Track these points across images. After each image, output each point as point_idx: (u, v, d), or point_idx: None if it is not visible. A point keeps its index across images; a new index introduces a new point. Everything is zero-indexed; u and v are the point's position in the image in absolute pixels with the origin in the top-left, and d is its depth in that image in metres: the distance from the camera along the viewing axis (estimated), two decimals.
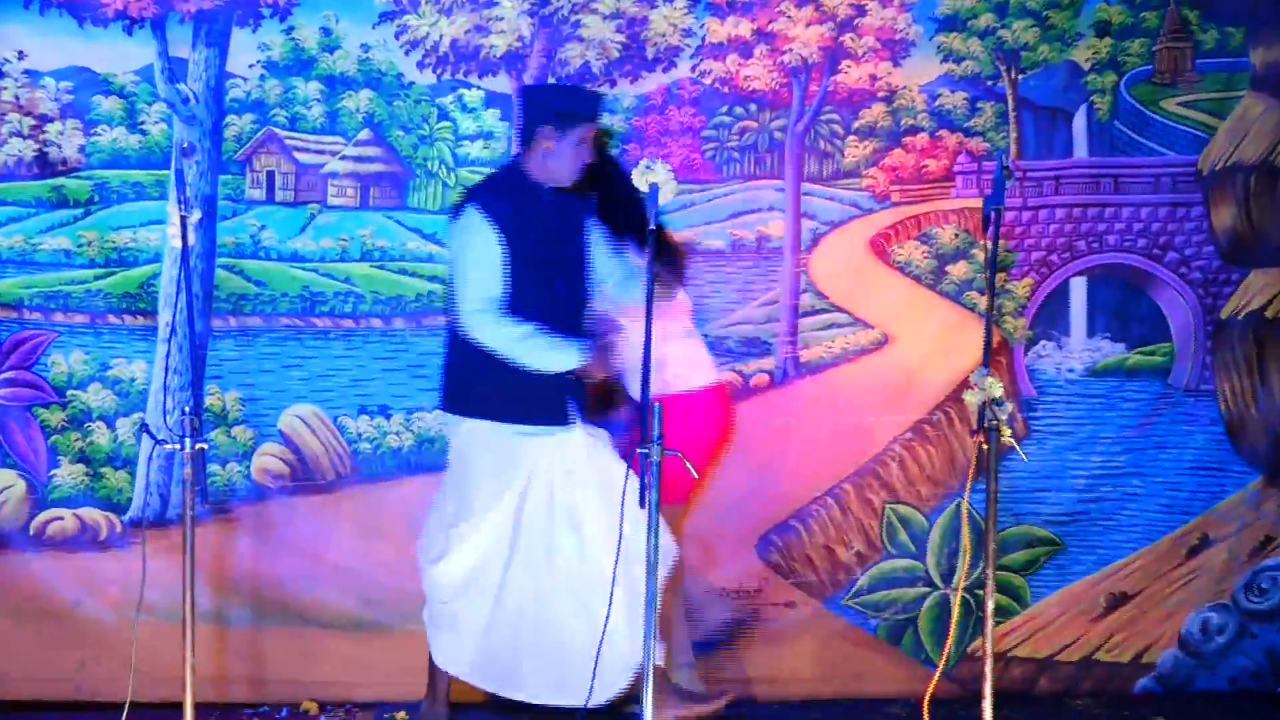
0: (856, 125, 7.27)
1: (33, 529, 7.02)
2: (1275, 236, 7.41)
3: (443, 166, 7.14)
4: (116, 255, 7.00)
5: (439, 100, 7.13)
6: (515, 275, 6.03)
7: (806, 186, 7.26)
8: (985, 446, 5.25)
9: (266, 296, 7.11)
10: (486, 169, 6.98)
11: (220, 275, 7.06)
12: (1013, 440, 5.35)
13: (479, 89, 7.13)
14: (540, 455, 6.11)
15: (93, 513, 7.05)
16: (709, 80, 7.22)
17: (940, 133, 7.30)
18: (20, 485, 7.01)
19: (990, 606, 5.37)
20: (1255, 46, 7.36)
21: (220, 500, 7.06)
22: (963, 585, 6.75)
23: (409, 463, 7.18)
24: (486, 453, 6.12)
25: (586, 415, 6.21)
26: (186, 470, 5.33)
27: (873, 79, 7.25)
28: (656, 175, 5.23)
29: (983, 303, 7.03)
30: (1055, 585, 7.42)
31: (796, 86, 7.23)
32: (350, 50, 7.07)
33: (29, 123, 6.93)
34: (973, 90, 7.30)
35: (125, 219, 7.01)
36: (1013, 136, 7.32)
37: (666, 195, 5.09)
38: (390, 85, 7.11)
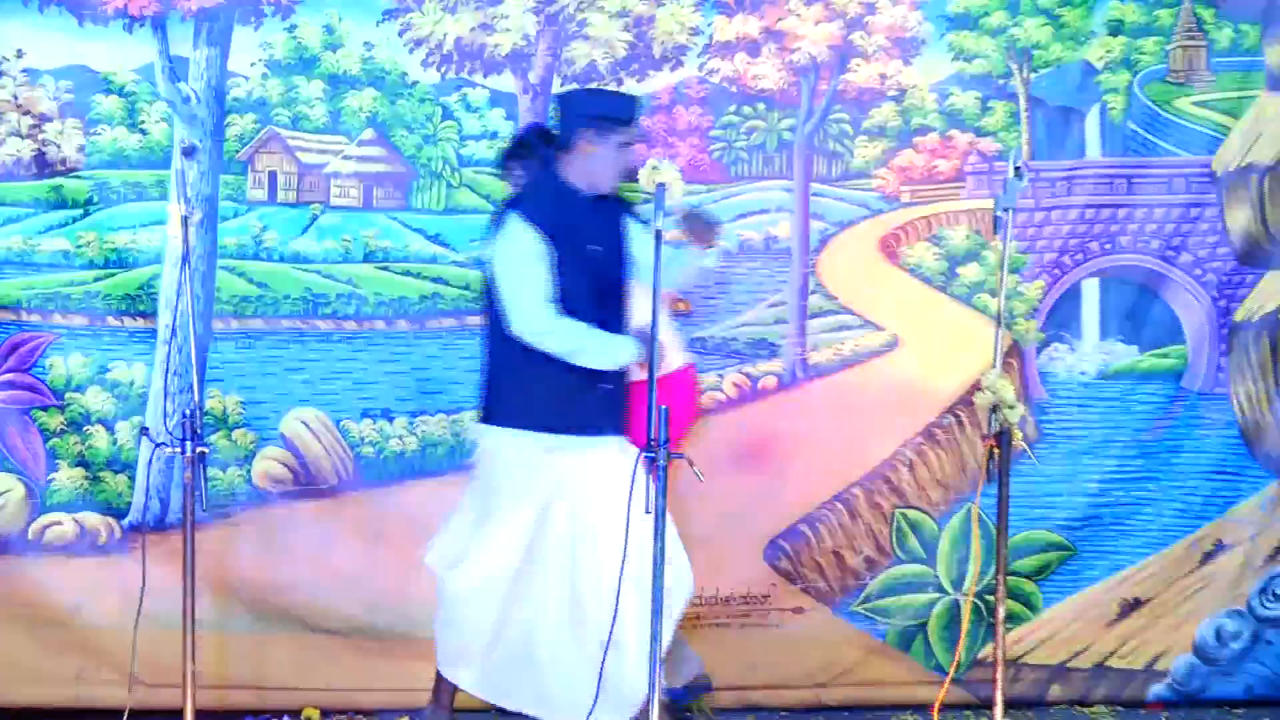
0: (866, 125, 7.25)
1: (31, 534, 7.01)
2: None
3: (447, 167, 7.12)
4: (116, 256, 6.99)
5: (443, 99, 7.11)
6: (561, 279, 5.96)
7: (815, 187, 7.25)
8: (996, 450, 5.29)
9: (268, 298, 7.09)
10: (490, 169, 6.99)
11: (221, 277, 7.05)
12: (1024, 444, 5.33)
13: (484, 88, 7.12)
14: (572, 468, 6.04)
15: (92, 517, 7.03)
16: (717, 79, 7.20)
17: (951, 132, 7.27)
18: (18, 489, 6.99)
19: (1001, 612, 5.44)
20: (1271, 45, 7.33)
21: (221, 505, 7.03)
22: (974, 591, 6.77)
23: (412, 467, 7.15)
24: (517, 463, 6.06)
25: (624, 428, 6.13)
26: (187, 474, 5.39)
27: (883, 78, 7.23)
28: (664, 175, 5.18)
29: (994, 305, 6.93)
30: (1067, 591, 7.39)
31: (805, 86, 7.22)
32: (353, 49, 7.06)
33: (28, 122, 6.92)
34: (984, 89, 7.27)
35: (125, 220, 7.00)
36: (1025, 136, 7.29)
37: (674, 196, 5.04)
38: (394, 84, 7.09)
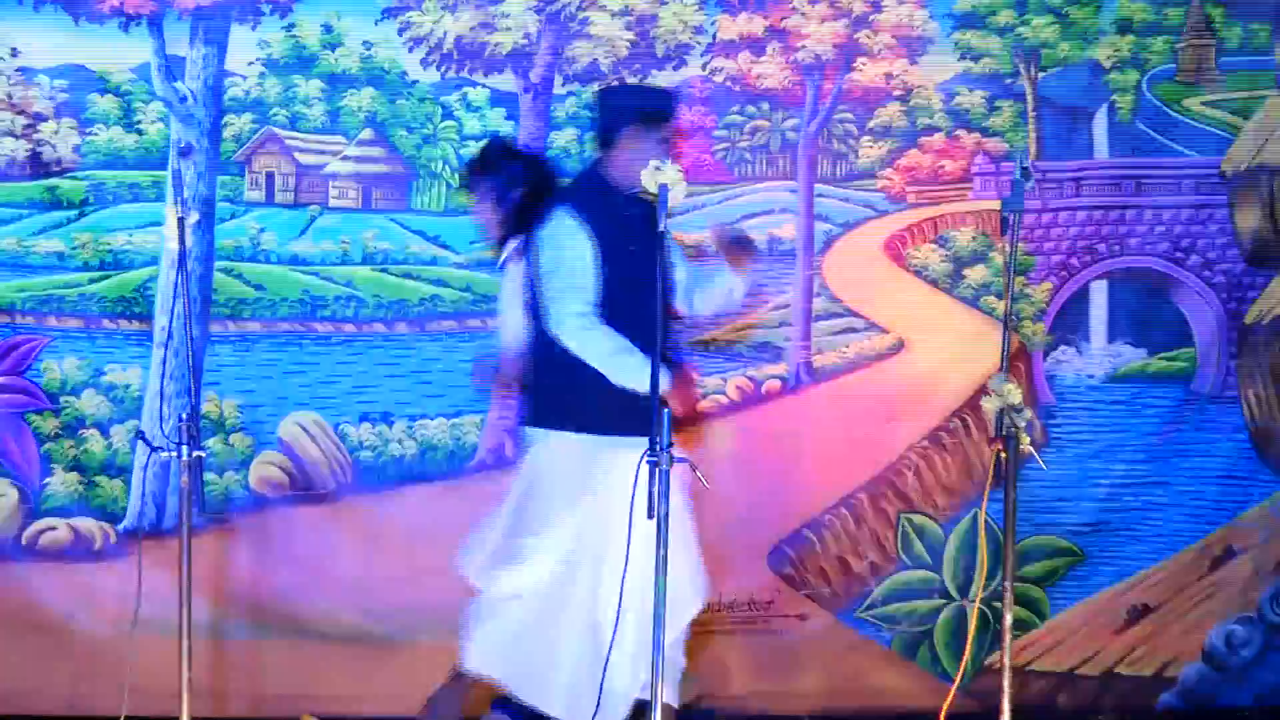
0: (871, 125, 7.23)
1: (25, 539, 6.99)
2: None
3: (446, 167, 7.10)
4: (112, 258, 6.97)
5: (443, 99, 7.09)
6: (605, 280, 5.88)
7: (820, 188, 7.23)
8: (1003, 455, 5.28)
9: (266, 301, 7.07)
10: None
11: (218, 279, 7.03)
12: (1032, 448, 5.31)
13: (484, 87, 7.10)
14: (625, 469, 5.94)
15: (87, 523, 7.02)
16: (720, 78, 7.18)
17: (958, 132, 7.26)
18: (12, 494, 6.98)
19: (1009, 619, 5.40)
20: None
21: (218, 510, 7.01)
22: (980, 597, 6.78)
23: (412, 472, 7.13)
24: (572, 467, 5.96)
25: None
26: (183, 479, 5.30)
27: (888, 77, 7.22)
28: (666, 176, 5.10)
29: (1001, 307, 7.06)
30: (1075, 597, 7.39)
31: (810, 85, 7.19)
32: (352, 47, 7.04)
33: (22, 122, 6.89)
34: (991, 89, 7.25)
35: (121, 221, 6.97)
36: (1032, 136, 7.28)
37: (676, 196, 5.02)
38: (393, 83, 7.07)
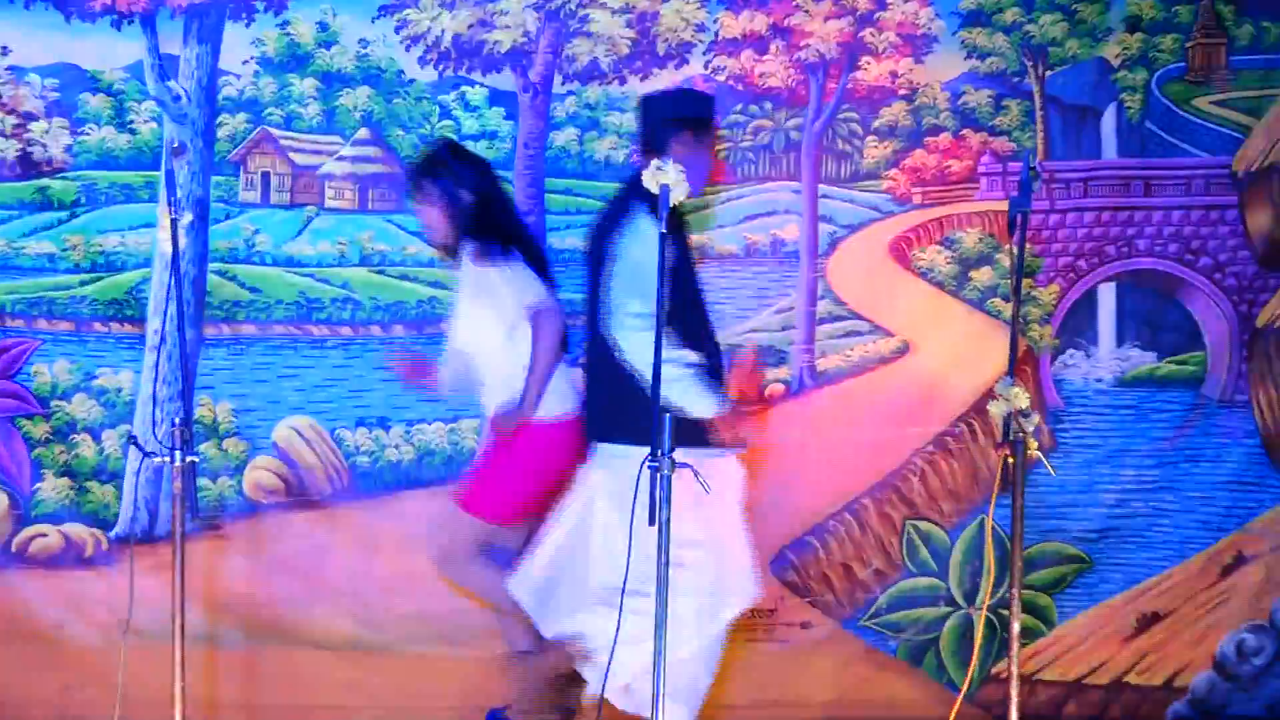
0: (876, 124, 7.21)
1: (15, 546, 6.98)
2: None
3: None
4: (104, 260, 6.96)
5: (440, 98, 7.09)
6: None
7: (824, 188, 7.21)
8: (1010, 460, 5.27)
9: (261, 303, 7.06)
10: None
11: (212, 281, 7.03)
12: (1039, 453, 5.24)
13: (482, 86, 7.10)
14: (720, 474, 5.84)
15: (78, 529, 7.00)
16: (722, 77, 7.15)
17: (964, 132, 7.24)
18: (2, 500, 6.99)
19: (1016, 627, 5.34)
20: None
21: (211, 516, 7.01)
22: (987, 605, 6.68)
23: (409, 477, 7.13)
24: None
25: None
26: (176, 484, 5.29)
27: (893, 76, 7.19)
28: (668, 177, 5.04)
29: (1007, 310, 6.96)
30: (1084, 605, 7.35)
31: (814, 84, 7.17)
32: (348, 46, 7.03)
33: (12, 121, 6.89)
34: (998, 88, 7.23)
35: (113, 222, 6.97)
36: (1039, 136, 7.24)
37: (678, 197, 4.93)
38: (390, 82, 7.07)
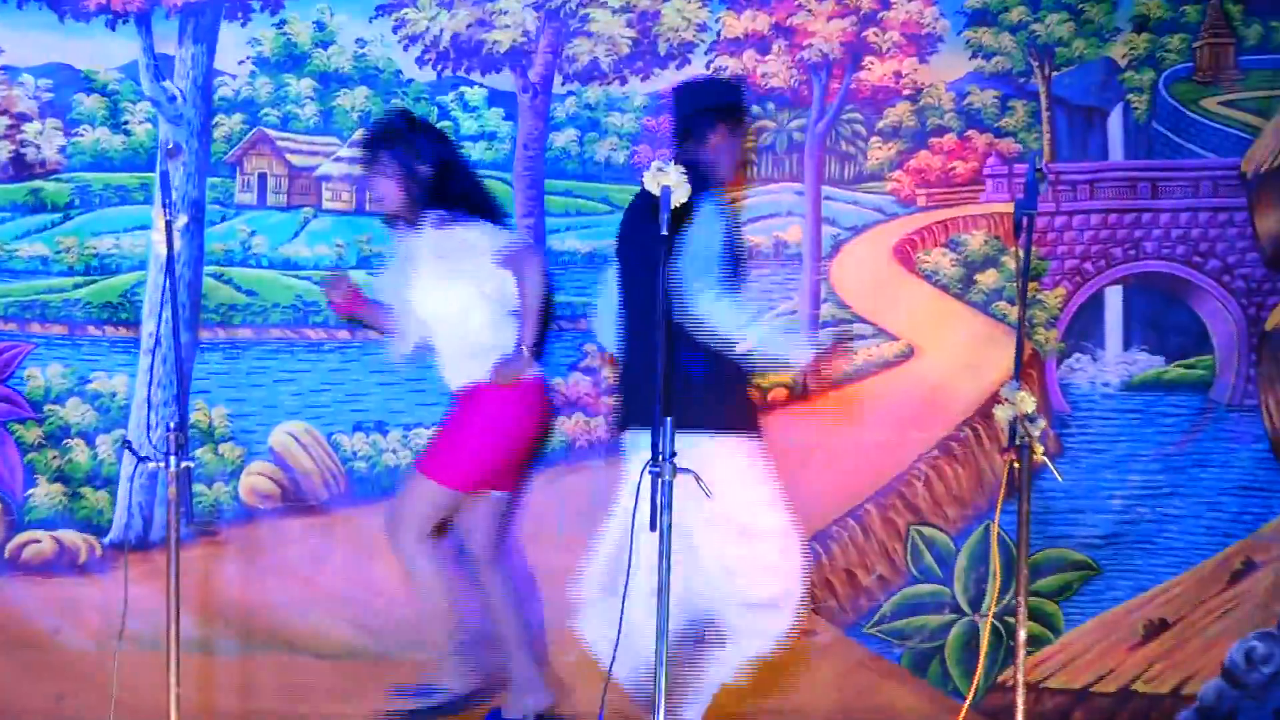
0: (880, 125, 7.20)
1: (8, 552, 6.96)
2: None
3: None
4: (97, 262, 6.95)
5: (439, 99, 7.07)
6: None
7: (827, 190, 7.20)
8: (1016, 465, 5.33)
9: (257, 306, 7.05)
10: (488, 171, 6.92)
11: (208, 284, 7.02)
12: (1045, 458, 5.22)
13: (481, 87, 7.09)
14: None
15: (71, 535, 6.99)
16: (725, 77, 7.08)
17: (969, 133, 7.21)
18: None
19: (1022, 635, 5.38)
20: None
21: (206, 522, 7.00)
22: (992, 612, 6.74)
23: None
24: (729, 467, 5.77)
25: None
26: (171, 490, 5.25)
27: (898, 76, 7.17)
28: (669, 178, 5.02)
29: (1013, 313, 7.00)
30: (1090, 612, 7.30)
31: (817, 84, 7.16)
32: (345, 46, 7.02)
33: (5, 122, 6.87)
34: (1004, 88, 7.21)
35: (107, 224, 6.96)
36: (1045, 137, 7.22)
37: (679, 199, 4.90)
38: (388, 83, 7.05)
